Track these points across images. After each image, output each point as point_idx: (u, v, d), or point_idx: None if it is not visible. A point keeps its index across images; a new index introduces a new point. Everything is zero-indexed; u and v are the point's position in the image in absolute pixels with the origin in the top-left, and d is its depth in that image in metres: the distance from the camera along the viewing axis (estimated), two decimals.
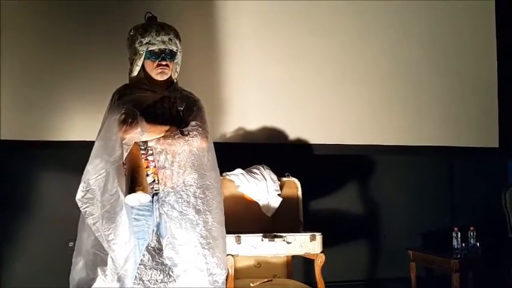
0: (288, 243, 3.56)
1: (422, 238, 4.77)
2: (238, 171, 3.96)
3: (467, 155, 4.95)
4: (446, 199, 4.92)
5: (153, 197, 2.87)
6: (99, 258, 2.77)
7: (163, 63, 2.94)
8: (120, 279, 2.78)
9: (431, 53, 4.91)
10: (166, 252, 2.87)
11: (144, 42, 2.91)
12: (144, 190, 2.69)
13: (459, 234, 4.29)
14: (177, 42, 2.99)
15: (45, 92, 4.06)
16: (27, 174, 4.06)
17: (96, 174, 2.69)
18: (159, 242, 3.00)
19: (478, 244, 4.24)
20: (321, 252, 3.60)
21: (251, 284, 3.60)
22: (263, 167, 4.02)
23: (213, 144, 2.97)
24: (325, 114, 4.61)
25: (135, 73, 2.99)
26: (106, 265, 2.76)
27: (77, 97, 4.08)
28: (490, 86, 5.09)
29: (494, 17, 5.14)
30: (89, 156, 2.75)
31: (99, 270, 2.75)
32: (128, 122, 2.74)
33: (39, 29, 4.09)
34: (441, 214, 4.85)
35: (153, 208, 2.89)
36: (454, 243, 4.28)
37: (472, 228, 4.29)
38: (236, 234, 3.48)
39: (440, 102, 4.90)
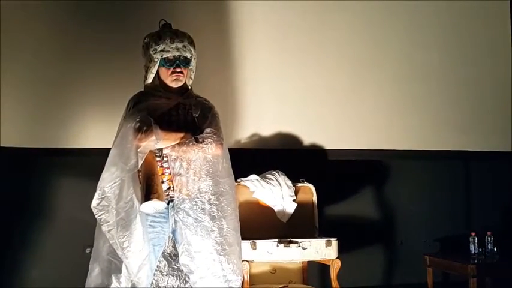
0: (304, 249, 3.55)
1: (439, 243, 4.74)
2: (253, 177, 3.96)
3: (483, 159, 4.90)
4: (463, 204, 4.88)
5: (168, 204, 2.88)
6: (114, 266, 2.77)
7: (178, 70, 2.96)
8: (134, 287, 2.78)
9: (445, 59, 4.88)
10: (183, 260, 2.88)
11: (159, 49, 2.92)
12: (159, 197, 2.71)
13: (476, 239, 4.25)
14: (192, 49, 3.00)
15: (62, 100, 4.10)
16: (45, 181, 4.11)
17: (111, 182, 2.70)
18: (175, 248, 3.02)
19: (495, 249, 4.21)
20: (337, 258, 3.59)
21: None
22: (278, 173, 4.01)
23: (228, 151, 2.97)
24: (340, 119, 4.60)
25: (149, 80, 3.00)
26: (120, 272, 2.77)
27: (94, 104, 4.12)
28: (504, 90, 5.04)
29: (510, 22, 5.10)
30: (105, 162, 2.77)
31: (113, 277, 2.76)
32: (143, 130, 2.75)
33: (53, 38, 4.14)
34: (458, 219, 4.81)
35: (168, 215, 2.90)
36: (471, 248, 4.25)
37: (489, 233, 4.26)
38: (251, 240, 3.48)
39: (455, 107, 4.86)
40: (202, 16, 4.33)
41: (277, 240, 3.53)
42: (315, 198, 4.03)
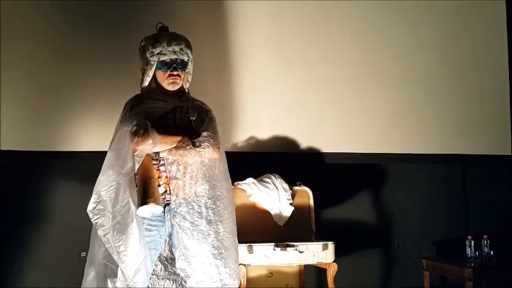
0: (300, 252, 3.56)
1: (435, 247, 4.74)
2: (250, 180, 3.96)
3: (480, 162, 4.92)
4: (460, 207, 4.89)
5: (164, 208, 2.87)
6: (110, 270, 2.75)
7: (175, 73, 2.94)
8: None
9: (443, 62, 4.89)
10: (179, 264, 2.86)
11: (156, 52, 2.91)
12: (156, 201, 2.69)
13: (473, 242, 4.25)
14: (189, 52, 2.99)
15: (60, 104, 4.09)
16: (41, 184, 4.09)
17: (107, 186, 2.69)
18: (171, 252, 3.01)
19: (491, 252, 4.21)
20: (334, 261, 3.61)
21: None
22: (275, 176, 4.02)
23: (224, 155, 2.97)
24: (337, 123, 4.61)
25: (146, 83, 2.99)
26: (116, 277, 2.74)
27: (90, 107, 4.11)
28: (502, 94, 5.06)
29: (506, 25, 5.11)
30: (101, 166, 2.76)
31: (109, 282, 2.74)
32: (140, 133, 2.73)
33: (51, 41, 4.12)
34: (454, 222, 4.81)
35: (165, 218, 2.89)
36: (468, 251, 4.25)
37: (485, 236, 4.26)
38: (248, 244, 3.49)
39: (452, 111, 4.88)
40: (200, 19, 4.33)
41: (274, 243, 3.54)
42: (311, 202, 4.04)
